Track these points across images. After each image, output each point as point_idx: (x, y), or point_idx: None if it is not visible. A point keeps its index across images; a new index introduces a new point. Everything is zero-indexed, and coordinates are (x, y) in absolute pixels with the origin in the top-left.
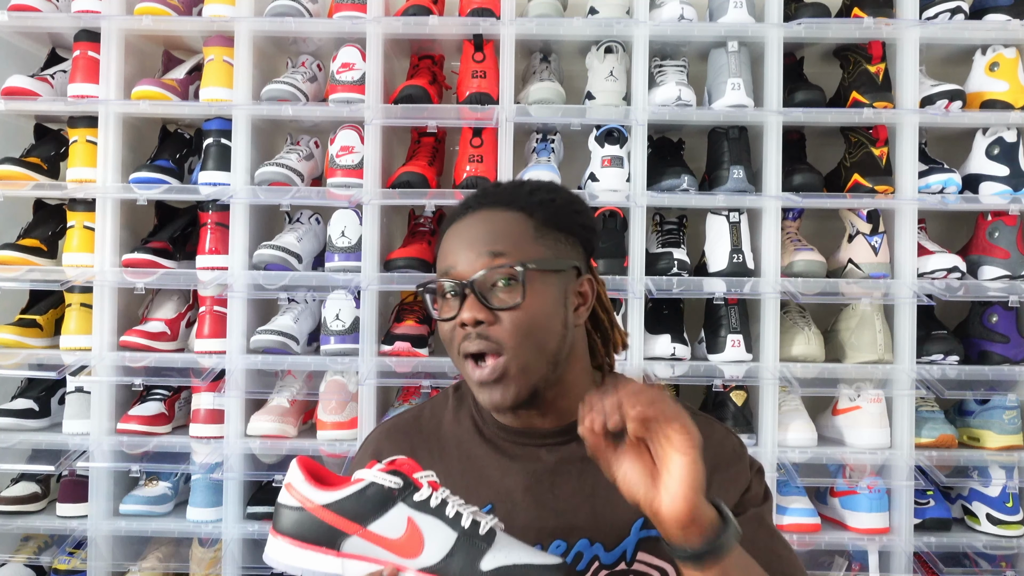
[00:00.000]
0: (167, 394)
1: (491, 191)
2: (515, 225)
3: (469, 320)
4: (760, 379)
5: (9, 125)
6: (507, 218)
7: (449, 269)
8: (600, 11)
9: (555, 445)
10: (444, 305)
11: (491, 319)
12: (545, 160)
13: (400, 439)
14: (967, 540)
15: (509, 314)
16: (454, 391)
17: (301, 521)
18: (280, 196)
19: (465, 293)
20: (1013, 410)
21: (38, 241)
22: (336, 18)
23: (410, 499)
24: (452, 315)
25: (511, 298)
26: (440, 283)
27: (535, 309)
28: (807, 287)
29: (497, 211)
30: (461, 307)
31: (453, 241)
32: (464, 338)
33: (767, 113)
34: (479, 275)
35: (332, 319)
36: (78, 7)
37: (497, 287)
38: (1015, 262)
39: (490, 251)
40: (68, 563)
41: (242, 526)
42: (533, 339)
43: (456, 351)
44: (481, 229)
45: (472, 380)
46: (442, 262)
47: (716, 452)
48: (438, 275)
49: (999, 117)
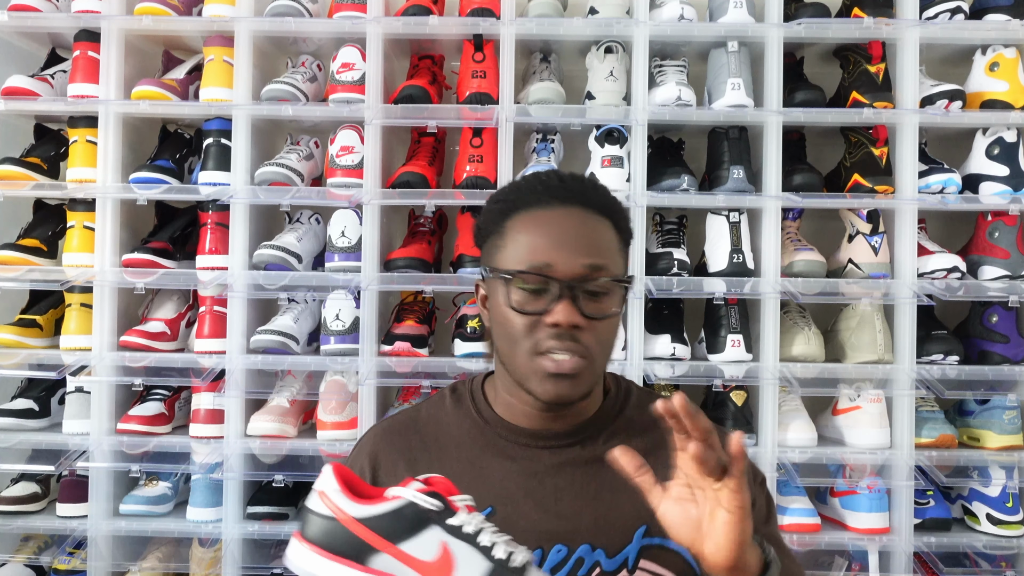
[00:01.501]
0: (167, 394)
1: (575, 187)
2: (609, 236)
3: (566, 323)
4: (760, 379)
5: (9, 125)
6: (603, 227)
7: (543, 266)
8: (600, 11)
9: (558, 447)
10: (522, 296)
11: (585, 325)
12: (545, 160)
13: (396, 440)
14: (967, 540)
15: (599, 323)
16: (451, 392)
17: (331, 531)
18: (280, 196)
19: (562, 295)
20: (1013, 410)
21: (38, 241)
22: (336, 18)
23: (446, 523)
24: (539, 310)
25: (605, 308)
26: (532, 277)
27: (617, 321)
28: (807, 287)
29: (593, 215)
30: (552, 307)
31: (545, 236)
32: (552, 336)
33: (767, 113)
34: (579, 281)
35: (332, 319)
36: (78, 7)
37: (589, 293)
38: (1015, 262)
39: (593, 262)
40: (68, 563)
41: (242, 526)
42: (608, 350)
43: (529, 346)
44: (581, 233)
45: (542, 370)
46: (529, 255)
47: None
48: (520, 263)
49: (999, 117)
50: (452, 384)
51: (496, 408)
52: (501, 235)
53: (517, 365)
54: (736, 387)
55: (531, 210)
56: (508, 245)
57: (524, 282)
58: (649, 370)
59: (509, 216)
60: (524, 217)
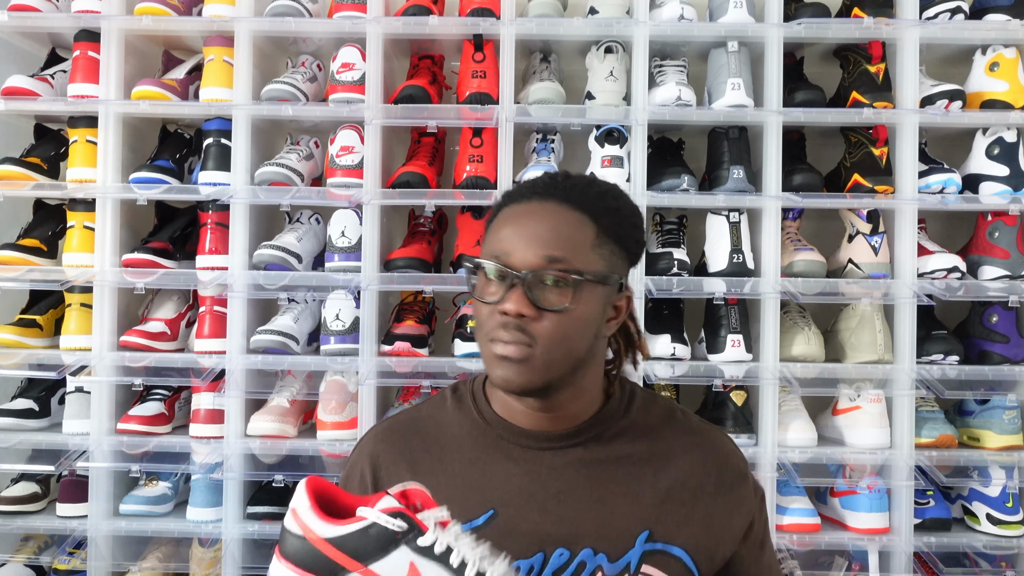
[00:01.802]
0: (167, 394)
1: (561, 183)
2: (578, 229)
3: (512, 312)
4: (760, 379)
5: (9, 125)
6: (572, 219)
7: (502, 255)
8: (600, 11)
9: (560, 449)
10: (487, 286)
11: (534, 315)
12: (545, 160)
13: (397, 441)
14: (967, 540)
15: (552, 315)
16: (452, 392)
17: (303, 550)
18: (280, 196)
19: (514, 284)
20: (1013, 410)
21: (38, 241)
22: (336, 18)
23: (413, 543)
24: (494, 299)
25: (558, 300)
26: (491, 265)
27: (576, 316)
28: (807, 287)
29: (564, 208)
30: (506, 296)
31: (513, 227)
32: (500, 325)
33: (767, 113)
34: (533, 272)
35: (332, 319)
36: (78, 7)
37: (545, 285)
38: (1015, 262)
39: (549, 254)
40: (68, 563)
41: (242, 526)
42: (567, 343)
43: (485, 332)
44: (544, 225)
45: (492, 354)
46: (496, 244)
47: (721, 469)
48: (487, 255)
49: (999, 117)
50: (453, 384)
51: (496, 408)
52: (488, 229)
53: (482, 353)
54: (736, 387)
55: (513, 204)
56: (489, 239)
57: (486, 271)
58: (649, 370)
59: (498, 211)
60: (506, 211)
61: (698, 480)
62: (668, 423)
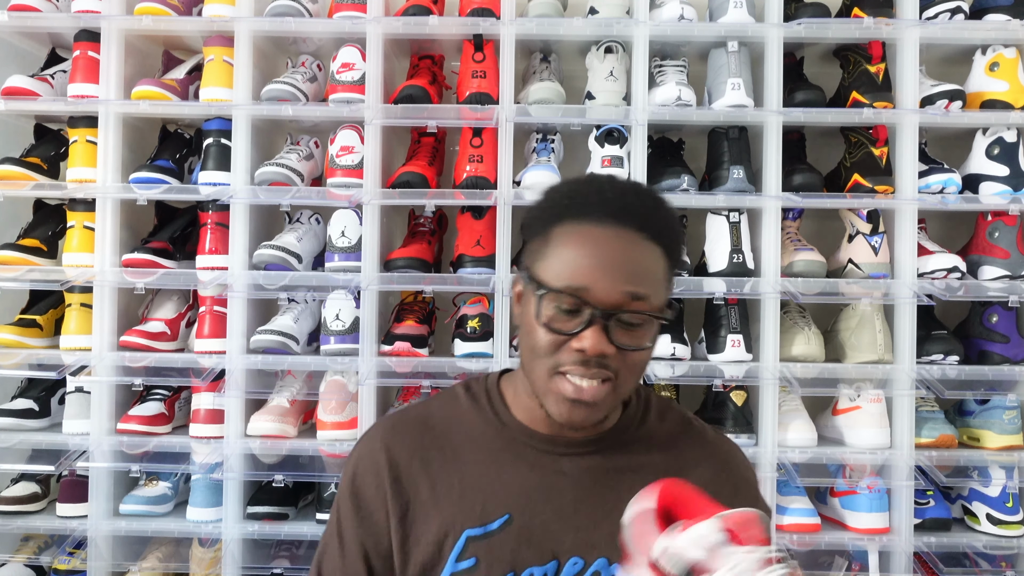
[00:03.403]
0: (167, 394)
1: (635, 207)
2: (656, 264)
3: (594, 352)
4: (760, 379)
5: (9, 125)
6: (651, 254)
7: (581, 289)
8: (600, 11)
9: (577, 455)
10: (554, 314)
11: (614, 355)
12: (545, 160)
13: (410, 435)
14: (967, 540)
15: (631, 353)
16: (465, 391)
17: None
18: (280, 196)
19: (593, 321)
20: (1013, 410)
21: (38, 241)
22: (336, 18)
23: None
24: (570, 331)
25: (638, 340)
26: (567, 299)
27: (649, 354)
28: (807, 287)
29: (644, 240)
30: (584, 330)
31: (589, 257)
32: (576, 362)
33: (767, 113)
34: (616, 312)
35: (332, 319)
36: (78, 7)
37: (622, 323)
38: (1015, 262)
39: (634, 291)
40: (68, 563)
41: (242, 526)
42: (637, 377)
43: (551, 364)
44: (625, 258)
45: (560, 392)
46: (569, 274)
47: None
48: (560, 286)
49: (999, 117)
50: (464, 382)
51: (515, 411)
52: (545, 241)
53: (536, 379)
54: (736, 387)
55: (582, 223)
56: (550, 255)
57: (558, 301)
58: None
59: (558, 222)
60: (572, 229)
61: (712, 492)
62: (683, 433)
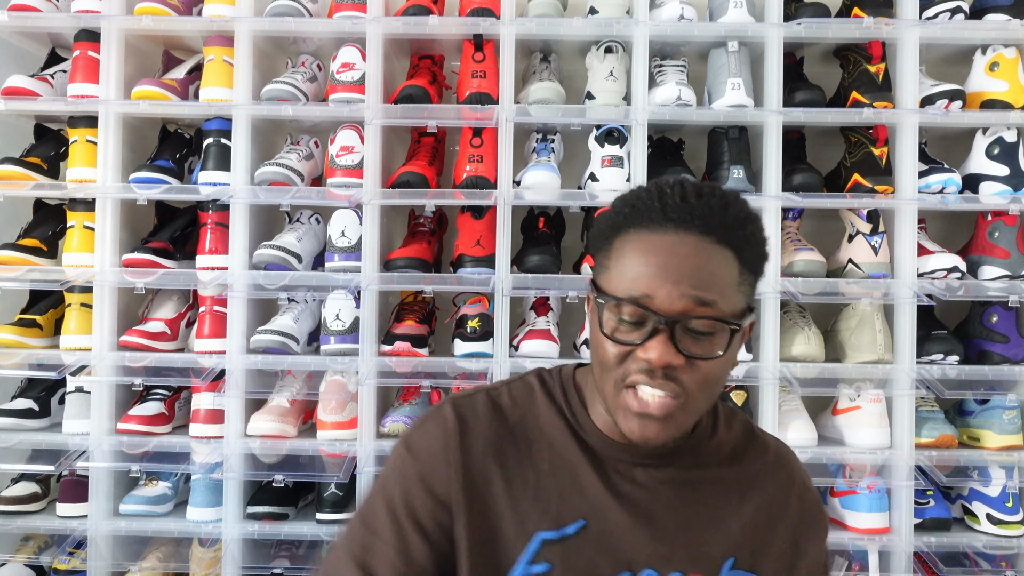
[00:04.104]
0: (167, 394)
1: (699, 210)
2: (725, 268)
3: (660, 363)
4: (760, 379)
5: (9, 125)
6: (718, 257)
7: (643, 297)
8: (600, 11)
9: (653, 466)
10: (617, 325)
11: (683, 364)
12: (545, 160)
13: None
14: (967, 540)
15: (702, 363)
16: (540, 383)
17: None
18: (280, 196)
19: (659, 329)
20: (1013, 410)
21: (38, 241)
22: (336, 18)
23: None
24: (633, 342)
25: (709, 348)
26: (629, 306)
27: (725, 362)
28: (807, 287)
29: (708, 243)
30: (648, 340)
31: (651, 264)
32: (643, 371)
33: (767, 113)
34: (681, 320)
35: (332, 319)
36: (78, 7)
37: (691, 331)
38: (1015, 262)
39: (699, 297)
40: (68, 563)
41: (242, 526)
42: (712, 391)
43: (619, 376)
44: (690, 263)
45: (629, 408)
46: (630, 282)
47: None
48: (623, 295)
49: (999, 117)
50: (538, 373)
51: (593, 415)
52: (608, 253)
53: (606, 394)
54: (736, 387)
55: (641, 231)
56: (612, 266)
57: (620, 312)
58: None
59: (619, 233)
60: (633, 238)
61: (779, 506)
62: (750, 443)
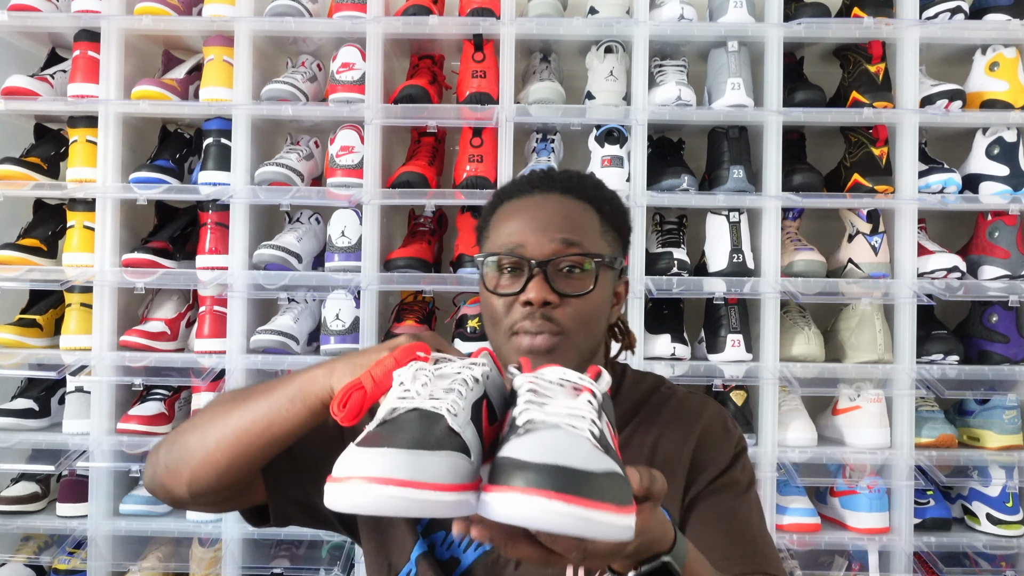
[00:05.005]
0: (167, 394)
1: (559, 177)
2: (586, 217)
3: (538, 300)
4: (760, 379)
5: (9, 125)
6: (579, 208)
7: (517, 247)
8: (600, 11)
9: None
10: (500, 280)
11: (558, 302)
12: (545, 160)
13: None
14: (967, 540)
15: (575, 300)
16: None
17: None
18: (280, 196)
19: (534, 273)
20: (1013, 410)
21: (38, 241)
22: (336, 18)
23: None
24: (514, 291)
25: (580, 286)
26: (507, 258)
27: (596, 299)
28: (807, 287)
29: (569, 199)
30: (526, 286)
31: (521, 219)
32: (525, 316)
33: (767, 113)
34: (552, 260)
35: (332, 319)
36: (78, 7)
37: (562, 272)
38: (1015, 262)
39: (564, 238)
40: (68, 563)
41: (242, 526)
42: (589, 328)
43: (507, 326)
44: (555, 214)
45: (517, 347)
46: (506, 237)
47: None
48: (500, 249)
49: (999, 117)
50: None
51: None
52: (487, 227)
53: (498, 347)
54: (736, 387)
55: (512, 200)
56: (491, 235)
57: (499, 263)
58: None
59: (495, 209)
60: (506, 206)
61: (678, 448)
62: (654, 394)
